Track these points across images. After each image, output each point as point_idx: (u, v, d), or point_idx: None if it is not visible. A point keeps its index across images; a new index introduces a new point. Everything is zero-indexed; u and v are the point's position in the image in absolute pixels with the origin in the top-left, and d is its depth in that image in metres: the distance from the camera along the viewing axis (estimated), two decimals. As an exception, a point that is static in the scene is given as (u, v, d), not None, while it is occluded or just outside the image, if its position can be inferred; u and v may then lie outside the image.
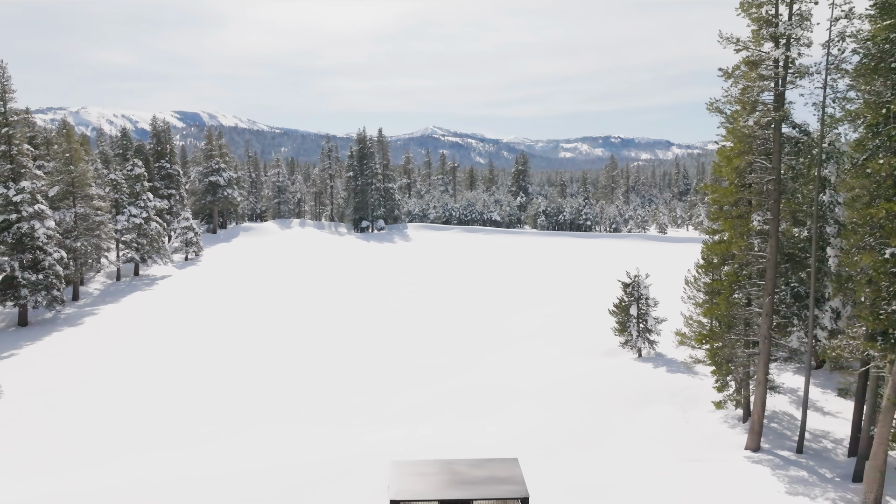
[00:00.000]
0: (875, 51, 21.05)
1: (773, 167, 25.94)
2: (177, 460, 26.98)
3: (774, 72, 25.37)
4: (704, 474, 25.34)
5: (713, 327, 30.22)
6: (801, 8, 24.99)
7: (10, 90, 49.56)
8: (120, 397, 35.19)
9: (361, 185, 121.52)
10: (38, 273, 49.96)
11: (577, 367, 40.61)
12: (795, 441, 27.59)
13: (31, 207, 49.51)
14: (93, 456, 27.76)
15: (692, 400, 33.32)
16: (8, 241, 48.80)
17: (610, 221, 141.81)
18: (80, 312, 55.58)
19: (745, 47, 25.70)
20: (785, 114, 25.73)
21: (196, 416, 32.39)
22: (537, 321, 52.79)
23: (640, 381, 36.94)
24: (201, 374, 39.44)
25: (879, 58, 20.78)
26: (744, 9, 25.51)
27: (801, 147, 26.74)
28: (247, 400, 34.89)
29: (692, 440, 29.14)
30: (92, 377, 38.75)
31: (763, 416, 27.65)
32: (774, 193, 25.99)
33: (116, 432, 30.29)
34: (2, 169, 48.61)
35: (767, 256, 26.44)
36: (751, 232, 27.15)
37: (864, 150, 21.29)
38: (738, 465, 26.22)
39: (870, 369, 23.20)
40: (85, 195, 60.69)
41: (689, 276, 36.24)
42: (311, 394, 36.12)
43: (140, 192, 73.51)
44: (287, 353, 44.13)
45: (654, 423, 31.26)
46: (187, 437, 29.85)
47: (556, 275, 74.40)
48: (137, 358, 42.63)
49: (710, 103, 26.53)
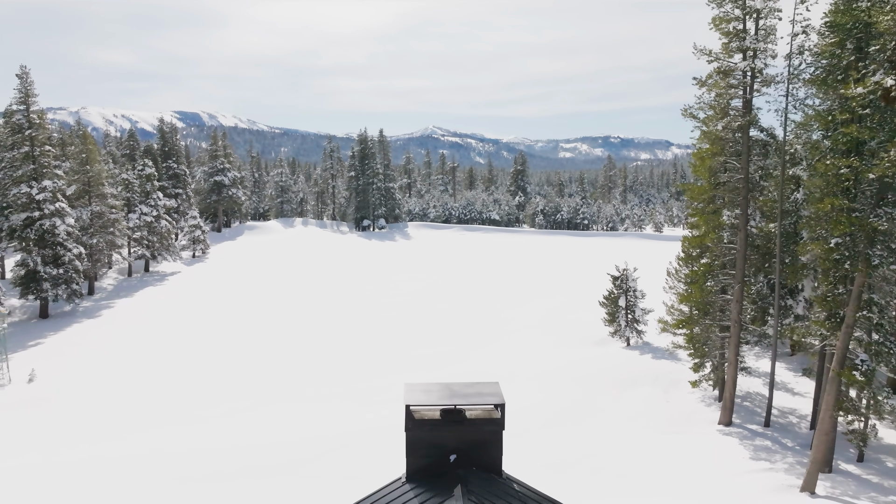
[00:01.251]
0: (825, 64, 23.74)
1: (742, 167, 28.66)
2: (190, 434, 29.77)
3: (742, 81, 28.09)
4: (679, 444, 28.08)
5: (691, 314, 32.90)
6: (766, 23, 27.72)
7: (33, 94, 52.26)
8: (140, 380, 37.90)
9: (363, 184, 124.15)
10: (58, 268, 52.62)
11: (570, 356, 43.33)
12: (764, 416, 30.28)
13: (53, 205, 52.18)
14: (119, 429, 30.55)
15: (674, 383, 36.02)
16: (31, 237, 51.45)
17: (607, 220, 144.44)
18: (96, 306, 58.24)
19: (716, 58, 28.38)
20: (753, 119, 28.43)
21: (207, 397, 35.17)
22: (533, 314, 55.46)
23: (626, 367, 39.69)
24: (213, 360, 42.14)
25: (828, 70, 23.47)
26: (715, 24, 28.19)
27: (768, 149, 29.47)
28: (255, 382, 37.62)
29: (671, 417, 31.85)
30: (113, 363, 41.43)
31: (734, 393, 30.37)
32: (744, 191, 28.72)
33: (138, 409, 33.06)
34: (25, 169, 51.29)
35: (737, 248, 29.16)
36: (722, 226, 29.86)
37: (817, 152, 23.98)
38: (710, 437, 28.95)
39: (826, 348, 25.90)
40: (100, 194, 63.36)
41: (670, 268, 38.94)
42: (315, 378, 38.84)
43: (150, 191, 76.13)
44: (293, 342, 46.81)
45: (638, 403, 33.98)
46: (200, 414, 32.64)
47: (552, 271, 77.06)
48: (154, 346, 45.30)
49: (685, 109, 29.25)
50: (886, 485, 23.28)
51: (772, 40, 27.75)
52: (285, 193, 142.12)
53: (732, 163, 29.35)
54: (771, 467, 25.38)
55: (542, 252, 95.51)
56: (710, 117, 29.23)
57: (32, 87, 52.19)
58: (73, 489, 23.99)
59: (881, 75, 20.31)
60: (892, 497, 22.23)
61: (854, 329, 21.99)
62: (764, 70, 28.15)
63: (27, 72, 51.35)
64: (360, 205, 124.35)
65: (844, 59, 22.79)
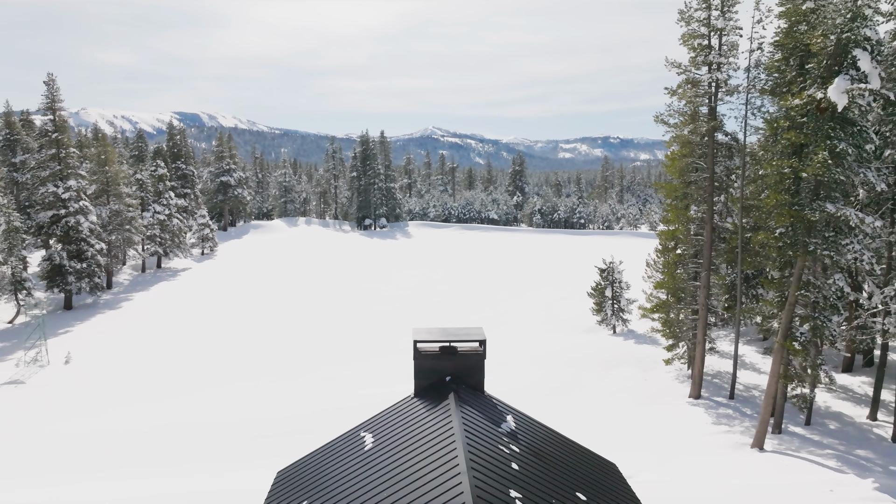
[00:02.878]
0: (774, 77, 27.31)
1: (708, 167, 32.24)
2: (204, 403, 33.72)
3: (708, 90, 31.66)
4: (652, 413, 31.67)
5: (667, 300, 36.43)
6: (728, 39, 31.32)
7: (59, 99, 55.85)
8: (162, 361, 41.61)
9: (364, 184, 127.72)
10: (81, 262, 56.16)
11: (562, 342, 46.94)
12: (729, 390, 33.85)
13: (77, 204, 55.74)
14: (149, 397, 34.23)
15: (652, 364, 39.59)
16: (57, 233, 55.01)
17: (602, 220, 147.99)
18: (115, 299, 61.79)
19: (685, 70, 31.96)
20: (718, 124, 32.01)
21: (220, 373, 39.02)
22: (529, 306, 59.04)
23: (611, 351, 43.34)
24: (227, 344, 45.80)
25: (776, 83, 27.02)
26: (684, 40, 31.77)
27: (732, 151, 33.06)
28: (263, 363, 41.28)
29: (648, 391, 35.44)
30: (138, 347, 45.02)
31: (703, 370, 33.94)
32: (709, 189, 32.29)
33: (163, 382, 36.89)
34: (52, 170, 54.85)
35: (704, 240, 32.74)
36: (691, 220, 33.44)
37: (766, 154, 27.55)
38: (680, 407, 32.54)
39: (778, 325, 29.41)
40: (117, 193, 66.90)
41: (649, 260, 42.47)
42: (318, 359, 42.54)
43: (163, 190, 79.70)
44: (298, 329, 50.41)
45: (620, 381, 37.57)
46: (212, 386, 36.46)
47: (547, 267, 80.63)
48: (172, 333, 48.87)
49: (657, 116, 32.79)
50: (825, 441, 26.86)
51: (733, 55, 31.34)
52: (289, 193, 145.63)
53: (699, 164, 32.91)
54: (729, 430, 28.97)
55: (538, 250, 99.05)
56: (679, 123, 32.81)
57: (58, 93, 55.77)
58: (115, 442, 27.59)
59: (815, 89, 23.94)
60: (827, 451, 25.82)
61: (796, 306, 25.56)
62: (728, 81, 31.76)
63: (53, 79, 54.97)
64: (361, 204, 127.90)
65: (788, 74, 26.35)
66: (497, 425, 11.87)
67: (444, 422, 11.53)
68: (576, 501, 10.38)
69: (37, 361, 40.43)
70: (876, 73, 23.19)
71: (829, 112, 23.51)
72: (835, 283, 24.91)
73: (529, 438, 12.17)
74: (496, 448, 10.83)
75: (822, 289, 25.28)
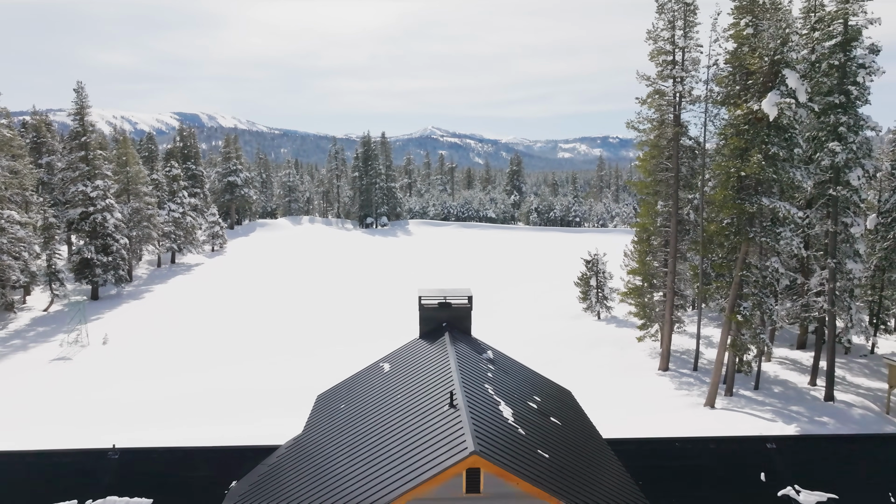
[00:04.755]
0: (725, 91, 31.90)
1: (674, 167, 36.84)
2: (229, 375, 38.47)
3: (673, 101, 36.27)
4: (626, 382, 36.29)
5: (641, 285, 41.05)
6: (690, 55, 35.92)
7: (87, 105, 60.42)
8: (188, 341, 46.19)
9: (366, 184, 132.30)
10: (107, 256, 60.71)
11: (552, 326, 51.55)
12: (693, 363, 38.46)
13: (103, 202, 60.28)
14: (180, 370, 38.81)
15: (629, 343, 44.19)
16: (85, 229, 59.54)
17: (598, 218, 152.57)
18: (137, 290, 66.38)
19: (653, 83, 36.57)
20: (682, 130, 36.62)
21: (239, 352, 43.73)
22: (522, 295, 63.67)
23: (595, 333, 48.03)
24: (243, 328, 50.57)
25: (726, 96, 31.61)
26: (652, 56, 36.37)
27: (695, 153, 37.67)
28: (278, 343, 45.90)
29: (624, 365, 40.05)
30: (165, 330, 49.64)
31: (670, 346, 38.57)
32: (674, 186, 36.90)
33: (190, 359, 41.38)
34: (82, 170, 59.39)
35: (671, 231, 37.34)
36: (658, 213, 38.08)
37: (717, 156, 32.16)
38: (650, 377, 37.17)
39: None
40: (137, 192, 71.47)
41: (626, 250, 47.04)
42: (327, 340, 47.19)
43: (177, 190, 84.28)
44: (308, 316, 55.04)
45: (601, 357, 42.19)
46: (234, 363, 41.19)
47: (541, 262, 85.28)
48: (194, 319, 53.45)
49: (628, 122, 37.41)
50: (768, 402, 31.47)
51: (695, 69, 35.96)
52: (293, 193, 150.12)
53: (666, 164, 37.53)
54: (689, 394, 33.59)
55: (533, 247, 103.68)
56: (648, 129, 37.43)
57: (87, 99, 60.34)
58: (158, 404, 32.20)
59: (754, 102, 28.58)
60: (767, 407, 30.43)
61: (740, 286, 30.17)
62: (691, 91, 36.38)
63: (82, 86, 59.54)
64: (363, 203, 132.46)
65: (735, 88, 30.94)
66: (479, 354, 16.49)
67: (442, 351, 16.12)
68: (531, 401, 14.97)
69: (78, 342, 44.99)
70: (803, 89, 27.84)
71: (765, 121, 28.14)
72: (771, 265, 29.53)
73: (502, 362, 16.80)
74: (477, 365, 15.45)
75: (761, 270, 29.90)
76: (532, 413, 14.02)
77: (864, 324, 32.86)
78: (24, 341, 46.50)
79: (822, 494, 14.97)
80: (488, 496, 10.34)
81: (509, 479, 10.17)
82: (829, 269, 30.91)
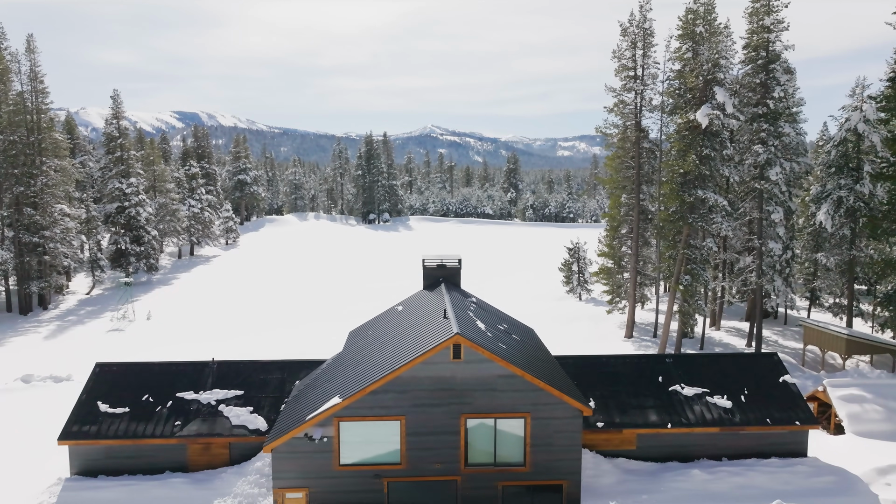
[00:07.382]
0: (672, 101, 38.75)
1: (635, 166, 43.70)
2: (262, 342, 44.94)
3: (634, 109, 43.12)
4: (596, 346, 43.11)
5: (611, 266, 47.98)
6: (648, 72, 42.75)
7: (122, 112, 67.27)
8: (219, 316, 52.98)
9: (369, 182, 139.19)
10: (140, 246, 67.59)
11: (538, 307, 58.31)
12: (653, 331, 45.39)
13: (136, 197, 67.14)
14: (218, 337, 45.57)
15: (603, 319, 51.10)
16: (120, 222, 66.42)
17: (591, 214, 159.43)
18: (165, 278, 73.29)
19: (618, 94, 43.41)
20: (643, 134, 43.45)
21: (266, 322, 50.37)
22: (514, 282, 70.61)
23: (574, 312, 54.94)
24: (265, 306, 57.28)
25: (674, 106, 38.46)
26: (616, 72, 43.20)
27: (655, 153, 44.54)
28: (300, 314, 52.69)
29: (596, 335, 46.96)
30: (198, 308, 56.50)
31: (634, 317, 45.50)
32: (636, 182, 43.76)
33: (224, 329, 48.15)
34: (118, 169, 66.25)
35: (633, 219, 44.23)
36: (622, 205, 44.96)
37: (666, 156, 39.03)
38: (616, 342, 44.11)
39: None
40: (162, 189, 78.34)
41: (600, 237, 53.90)
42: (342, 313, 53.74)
43: (195, 187, 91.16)
44: (323, 296, 61.85)
45: (579, 330, 49.08)
46: (265, 331, 47.87)
47: (533, 254, 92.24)
48: (220, 299, 60.34)
49: (597, 128, 44.27)
50: (707, 357, 38.35)
51: (653, 83, 42.81)
52: (298, 190, 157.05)
53: (630, 163, 44.40)
54: (644, 353, 40.47)
55: (527, 241, 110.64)
56: (615, 133, 44.28)
57: (122, 105, 67.16)
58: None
59: (691, 113, 35.48)
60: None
61: (683, 263, 37.05)
62: (651, 101, 43.21)
63: (118, 93, 66.40)
64: (366, 200, 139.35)
65: (680, 100, 37.79)
66: (466, 298, 23.42)
67: (439, 296, 23.01)
68: (500, 325, 21.88)
69: (125, 318, 51.87)
70: (730, 103, 34.74)
71: (699, 129, 35.03)
72: (706, 245, 36.45)
73: (482, 305, 23.71)
74: (463, 302, 22.37)
75: (699, 249, 36.81)
76: (499, 330, 20.95)
77: (790, 295, 39.72)
78: (78, 318, 53.41)
79: (699, 389, 21.93)
80: (466, 361, 17.24)
81: (480, 351, 17.04)
82: (756, 250, 37.82)
